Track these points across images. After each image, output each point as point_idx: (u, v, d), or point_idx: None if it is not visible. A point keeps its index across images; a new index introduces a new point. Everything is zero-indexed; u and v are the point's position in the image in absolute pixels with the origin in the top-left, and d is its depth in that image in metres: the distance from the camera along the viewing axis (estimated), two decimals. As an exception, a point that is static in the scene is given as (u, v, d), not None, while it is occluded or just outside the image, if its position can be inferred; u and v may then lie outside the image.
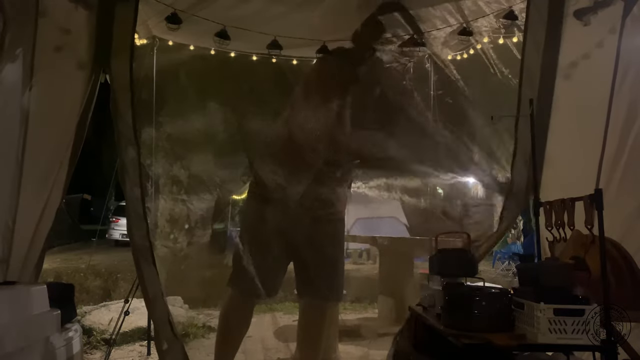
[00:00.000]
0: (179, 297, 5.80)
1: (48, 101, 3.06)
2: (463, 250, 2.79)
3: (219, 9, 3.90)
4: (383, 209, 9.10)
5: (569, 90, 3.02)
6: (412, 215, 9.34)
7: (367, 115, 3.72)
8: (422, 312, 2.62)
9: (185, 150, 5.01)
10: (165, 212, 5.26)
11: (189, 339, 4.89)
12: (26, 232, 3.04)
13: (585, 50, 3.01)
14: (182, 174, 5.19)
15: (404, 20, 3.92)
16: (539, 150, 2.90)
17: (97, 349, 4.56)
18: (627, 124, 2.93)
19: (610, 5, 2.90)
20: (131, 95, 3.11)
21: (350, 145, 3.62)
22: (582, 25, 2.97)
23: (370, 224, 9.43)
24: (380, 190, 4.86)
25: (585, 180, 2.85)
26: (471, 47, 4.47)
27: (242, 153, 4.37)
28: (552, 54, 2.97)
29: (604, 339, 1.92)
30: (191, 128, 4.76)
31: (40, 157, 3.08)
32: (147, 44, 4.43)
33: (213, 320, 5.31)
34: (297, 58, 4.80)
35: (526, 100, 2.88)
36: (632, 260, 2.37)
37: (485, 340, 1.96)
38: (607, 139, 2.92)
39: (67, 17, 3.07)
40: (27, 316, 2.63)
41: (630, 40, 2.87)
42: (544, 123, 2.98)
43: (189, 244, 6.05)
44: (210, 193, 5.52)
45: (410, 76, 4.25)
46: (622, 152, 2.94)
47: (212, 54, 4.53)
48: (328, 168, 3.63)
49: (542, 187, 2.92)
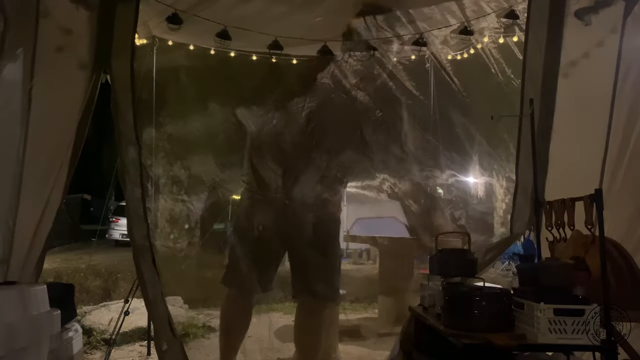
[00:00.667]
0: (179, 297, 5.80)
1: (49, 101, 3.06)
2: (463, 250, 2.79)
3: (219, 9, 3.90)
4: (383, 209, 9.09)
5: (570, 89, 3.01)
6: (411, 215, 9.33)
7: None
8: (422, 312, 2.62)
9: (185, 150, 5.01)
10: (165, 212, 5.27)
11: (189, 339, 4.89)
12: (26, 232, 3.03)
13: (586, 49, 3.01)
14: (182, 174, 5.19)
15: (386, 23, 3.95)
16: (543, 150, 2.90)
17: (97, 349, 4.56)
18: (629, 124, 2.93)
19: (611, 5, 2.90)
20: (132, 95, 3.11)
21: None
22: (583, 25, 2.97)
23: (370, 224, 9.41)
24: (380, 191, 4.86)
25: (586, 180, 2.85)
26: (471, 47, 4.47)
27: (242, 153, 4.38)
28: (553, 53, 2.97)
29: (604, 339, 1.92)
30: (191, 128, 4.76)
31: (41, 157, 3.08)
32: (147, 44, 4.43)
33: (213, 320, 5.31)
34: (297, 58, 4.80)
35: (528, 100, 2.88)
36: (632, 260, 2.37)
37: (485, 340, 1.96)
38: (609, 139, 2.93)
39: (68, 17, 3.07)
40: (27, 316, 2.63)
41: (631, 40, 2.87)
42: (546, 123, 2.97)
43: (189, 244, 6.06)
44: (210, 193, 5.52)
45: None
46: (624, 153, 2.94)
47: (212, 54, 4.53)
48: (320, 168, 3.67)
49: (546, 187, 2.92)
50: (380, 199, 5.52)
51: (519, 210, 3.03)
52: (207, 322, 5.35)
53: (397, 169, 4.69)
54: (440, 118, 4.81)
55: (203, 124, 4.69)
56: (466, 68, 4.57)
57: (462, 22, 4.14)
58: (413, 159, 4.58)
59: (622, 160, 2.96)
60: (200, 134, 4.74)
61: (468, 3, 3.96)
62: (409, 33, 4.37)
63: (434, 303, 2.50)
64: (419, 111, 4.66)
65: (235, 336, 3.75)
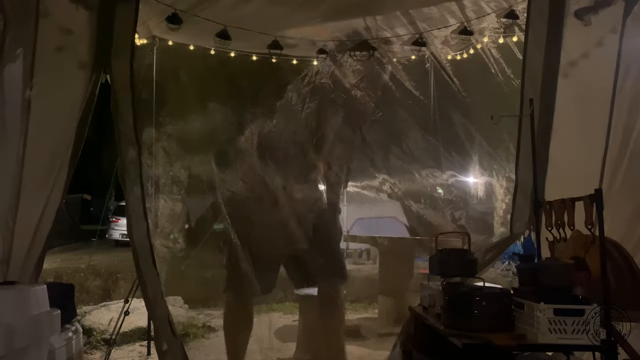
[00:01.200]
0: (179, 297, 5.80)
1: (49, 101, 3.06)
2: (463, 250, 2.79)
3: (219, 9, 3.90)
4: (383, 209, 9.08)
5: (570, 89, 3.01)
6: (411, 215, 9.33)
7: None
8: (422, 312, 2.62)
9: (185, 151, 5.00)
10: (165, 212, 5.26)
11: (189, 339, 4.89)
12: (27, 232, 3.03)
13: (586, 49, 3.01)
14: (182, 174, 5.19)
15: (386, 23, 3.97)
16: (543, 149, 2.89)
17: (97, 349, 4.56)
18: (629, 123, 2.93)
19: (611, 5, 2.90)
20: (132, 95, 3.11)
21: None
22: (582, 25, 2.97)
23: (370, 224, 9.40)
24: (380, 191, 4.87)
25: (586, 180, 2.85)
26: (471, 47, 4.46)
27: (240, 153, 4.38)
28: (553, 53, 2.97)
29: (604, 339, 1.92)
30: (191, 128, 4.76)
31: (41, 157, 3.08)
32: (147, 44, 4.43)
33: (213, 320, 5.32)
34: (297, 58, 4.80)
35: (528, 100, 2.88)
36: (632, 260, 2.37)
37: (485, 340, 1.96)
38: (609, 139, 2.92)
39: (68, 17, 3.07)
40: (27, 316, 2.63)
41: (631, 40, 2.87)
42: (546, 123, 2.97)
43: (189, 244, 6.05)
44: (210, 193, 5.51)
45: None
46: (624, 153, 2.94)
47: (212, 54, 4.53)
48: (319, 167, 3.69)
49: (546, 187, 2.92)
50: (380, 199, 5.52)
51: (519, 210, 3.03)
52: (207, 322, 5.36)
53: (397, 169, 4.69)
54: (440, 118, 4.80)
55: (203, 124, 4.69)
56: (466, 68, 4.56)
57: (462, 22, 4.14)
58: (413, 159, 4.59)
59: (622, 160, 2.95)
60: (200, 134, 4.74)
61: (468, 3, 3.96)
62: (409, 33, 4.38)
63: (434, 303, 2.50)
64: (419, 111, 4.66)
65: (240, 339, 3.78)
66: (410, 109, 4.59)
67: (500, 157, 4.55)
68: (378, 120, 4.40)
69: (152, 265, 3.10)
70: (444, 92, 4.76)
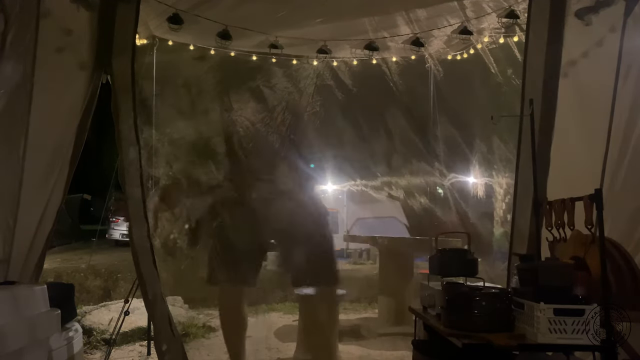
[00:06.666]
0: (179, 297, 5.80)
1: (49, 101, 3.06)
2: (463, 250, 2.78)
3: (219, 9, 3.90)
4: (383, 209, 9.09)
5: (570, 89, 3.01)
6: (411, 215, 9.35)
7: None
8: (422, 312, 2.62)
9: (185, 151, 5.01)
10: (166, 212, 5.26)
11: (189, 339, 4.89)
12: (27, 232, 3.03)
13: (587, 49, 3.01)
14: (182, 174, 5.19)
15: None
16: (544, 149, 2.89)
17: (97, 349, 4.56)
18: (629, 123, 2.93)
19: (611, 5, 2.90)
20: (132, 95, 3.11)
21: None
22: (583, 25, 2.97)
23: (370, 224, 9.42)
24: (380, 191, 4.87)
25: (586, 180, 2.85)
26: (471, 47, 4.47)
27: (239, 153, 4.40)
28: (554, 53, 2.97)
29: (604, 339, 1.92)
30: (191, 128, 4.76)
31: (41, 157, 3.08)
32: (147, 44, 4.43)
33: (213, 320, 5.31)
34: (297, 58, 4.80)
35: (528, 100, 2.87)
36: (632, 260, 2.37)
37: (485, 340, 1.96)
38: (610, 139, 2.92)
39: (68, 17, 3.07)
40: (28, 316, 2.63)
41: (631, 40, 2.87)
42: (547, 123, 2.97)
43: (189, 244, 6.05)
44: (210, 193, 5.51)
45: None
46: (624, 153, 2.94)
47: (212, 54, 4.53)
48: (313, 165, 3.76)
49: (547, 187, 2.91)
50: (380, 199, 5.52)
51: (519, 210, 3.03)
52: (207, 322, 5.36)
53: (397, 169, 4.70)
54: (440, 118, 4.81)
55: (202, 124, 4.69)
56: (466, 68, 4.57)
57: (462, 22, 4.14)
58: (413, 159, 4.59)
59: (622, 160, 2.95)
60: (199, 134, 4.75)
61: (468, 3, 3.96)
62: (408, 33, 4.38)
63: (434, 303, 2.50)
64: (419, 111, 4.67)
65: (235, 331, 3.81)
66: (411, 109, 4.60)
67: (500, 157, 4.56)
68: (378, 120, 4.41)
69: (152, 265, 3.10)
70: (444, 92, 4.77)
